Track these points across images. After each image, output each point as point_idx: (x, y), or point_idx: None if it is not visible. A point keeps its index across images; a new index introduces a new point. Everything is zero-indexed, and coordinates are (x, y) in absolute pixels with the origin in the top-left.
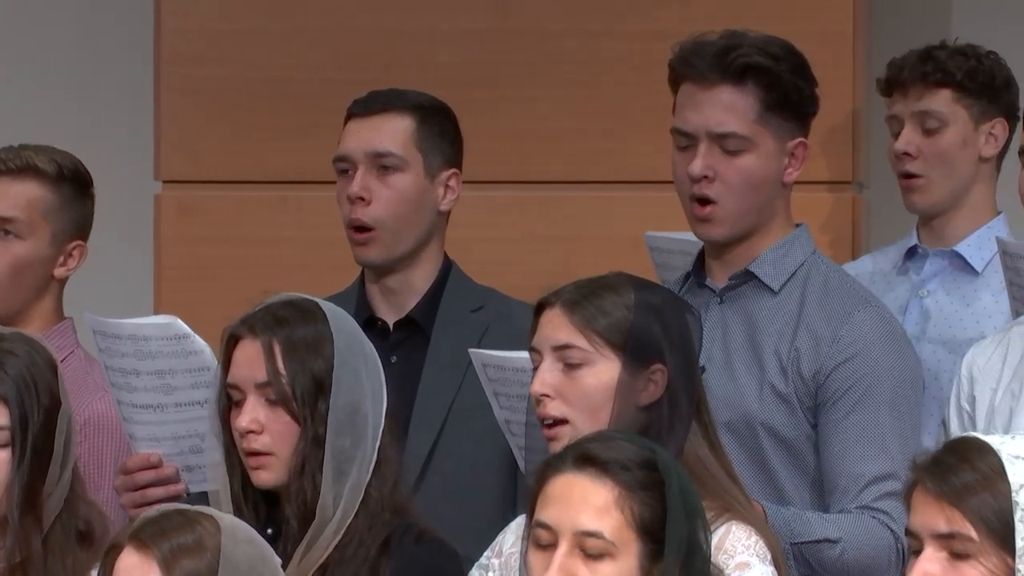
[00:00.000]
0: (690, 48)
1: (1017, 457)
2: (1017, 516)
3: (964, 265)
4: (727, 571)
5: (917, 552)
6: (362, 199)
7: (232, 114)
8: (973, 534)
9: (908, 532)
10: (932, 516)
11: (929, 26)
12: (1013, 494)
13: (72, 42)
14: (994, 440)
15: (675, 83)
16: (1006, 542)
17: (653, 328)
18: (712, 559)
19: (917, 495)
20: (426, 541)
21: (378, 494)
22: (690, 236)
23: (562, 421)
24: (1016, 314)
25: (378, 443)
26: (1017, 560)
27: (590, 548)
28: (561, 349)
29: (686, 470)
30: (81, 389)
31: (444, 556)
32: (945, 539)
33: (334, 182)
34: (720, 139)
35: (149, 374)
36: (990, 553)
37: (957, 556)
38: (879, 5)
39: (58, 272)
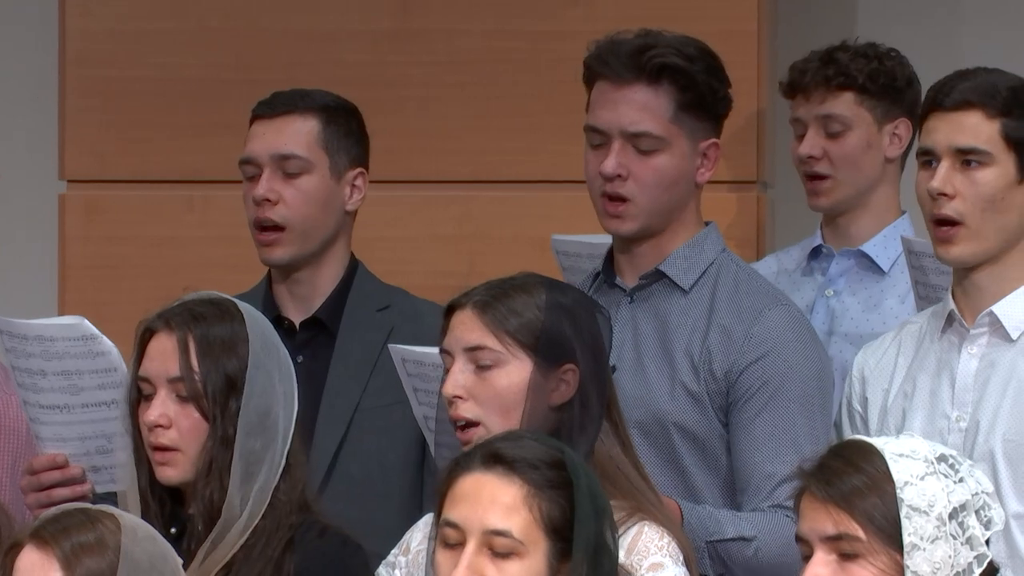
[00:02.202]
0: (606, 46)
1: (901, 455)
2: (903, 512)
3: (870, 264)
4: (640, 571)
5: (807, 558)
6: (269, 200)
7: (137, 114)
8: (860, 533)
9: (798, 539)
10: (820, 520)
11: (835, 25)
12: (898, 491)
13: None
14: (878, 441)
15: (589, 81)
16: (894, 540)
17: (564, 328)
18: (624, 559)
19: (805, 501)
20: (330, 535)
21: (286, 498)
22: (597, 238)
23: (474, 423)
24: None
25: (288, 447)
26: (906, 556)
27: (498, 547)
28: (472, 350)
29: (598, 470)
30: None
31: (348, 550)
32: (833, 541)
33: (239, 181)
34: (634, 138)
35: (56, 375)
36: (879, 552)
37: (846, 557)
38: (784, 4)
39: None
